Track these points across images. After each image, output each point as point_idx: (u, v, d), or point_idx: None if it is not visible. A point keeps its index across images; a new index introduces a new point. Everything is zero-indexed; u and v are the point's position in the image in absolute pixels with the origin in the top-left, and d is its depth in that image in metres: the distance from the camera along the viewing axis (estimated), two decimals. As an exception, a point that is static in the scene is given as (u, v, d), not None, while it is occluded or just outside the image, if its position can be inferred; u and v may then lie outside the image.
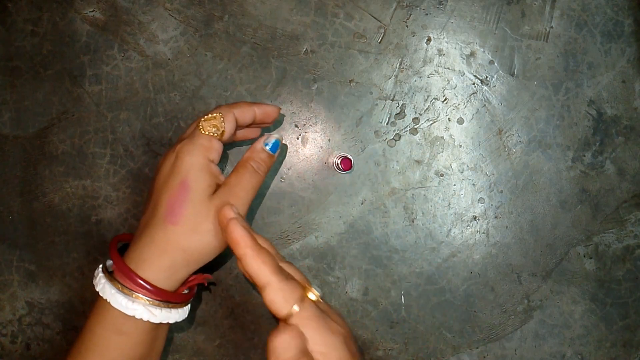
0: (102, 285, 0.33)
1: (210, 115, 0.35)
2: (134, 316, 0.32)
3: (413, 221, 0.46)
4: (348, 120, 0.46)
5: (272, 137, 0.36)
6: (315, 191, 0.46)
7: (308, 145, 0.46)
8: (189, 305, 0.36)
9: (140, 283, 0.32)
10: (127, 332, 0.32)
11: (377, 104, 0.46)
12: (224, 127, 0.35)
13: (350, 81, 0.46)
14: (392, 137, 0.46)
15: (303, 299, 0.30)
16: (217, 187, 0.34)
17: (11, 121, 0.45)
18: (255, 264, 0.30)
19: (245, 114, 0.36)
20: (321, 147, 0.46)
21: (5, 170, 0.45)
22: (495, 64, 0.46)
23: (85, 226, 0.45)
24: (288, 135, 0.46)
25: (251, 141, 0.43)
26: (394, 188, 0.46)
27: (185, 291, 0.35)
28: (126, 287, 0.32)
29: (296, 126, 0.46)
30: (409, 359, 0.46)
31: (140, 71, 0.45)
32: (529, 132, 0.46)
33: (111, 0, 0.45)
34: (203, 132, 0.35)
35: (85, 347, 0.33)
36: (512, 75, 0.46)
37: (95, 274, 0.34)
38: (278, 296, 0.29)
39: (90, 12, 0.45)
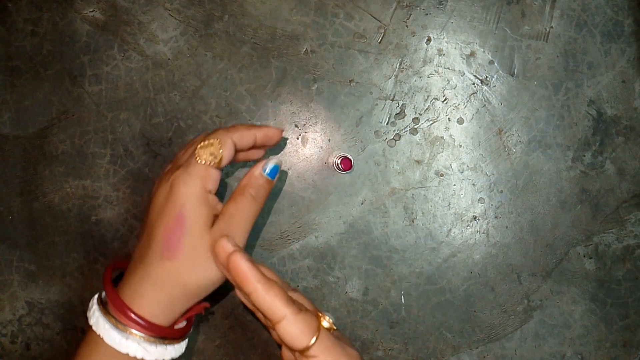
0: (96, 319, 0.31)
1: (207, 141, 0.33)
2: (127, 353, 0.30)
3: (413, 221, 0.46)
4: (348, 120, 0.46)
5: (271, 162, 0.34)
6: (315, 191, 0.46)
7: (308, 145, 0.46)
8: (187, 339, 0.34)
9: (135, 319, 0.30)
10: None
11: (377, 104, 0.46)
12: (222, 154, 0.33)
13: (350, 81, 0.46)
14: (392, 137, 0.46)
15: (319, 328, 0.29)
16: (215, 217, 0.32)
17: (11, 121, 0.45)
18: (269, 298, 0.29)
19: (245, 138, 0.34)
20: (321, 147, 0.46)
21: (5, 170, 0.45)
22: (495, 64, 0.46)
23: (85, 226, 0.45)
24: (288, 135, 0.46)
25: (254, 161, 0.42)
26: (394, 188, 0.46)
27: (183, 323, 0.34)
28: (120, 322, 0.30)
29: (296, 126, 0.46)
30: (409, 359, 0.46)
31: (140, 71, 0.45)
32: (529, 132, 0.46)
33: (111, 0, 0.45)
34: (199, 160, 0.32)
35: None
36: (512, 75, 0.46)
37: (90, 305, 0.32)
38: (295, 329, 0.28)
39: (90, 12, 0.45)
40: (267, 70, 0.45)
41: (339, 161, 0.44)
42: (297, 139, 0.46)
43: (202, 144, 0.33)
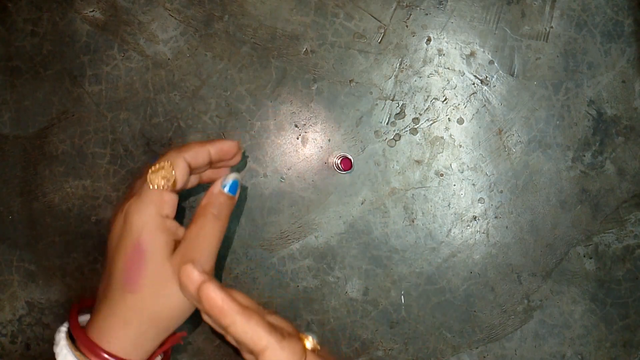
0: (64, 356, 0.29)
1: (157, 165, 0.31)
2: None
3: (413, 221, 0.46)
4: (348, 120, 0.46)
5: (230, 177, 0.33)
6: (315, 191, 0.46)
7: (308, 145, 0.46)
8: None
9: (107, 358, 0.28)
10: None
11: (377, 104, 0.46)
12: (175, 176, 0.31)
13: (350, 81, 0.46)
14: (392, 137, 0.46)
15: (304, 352, 0.28)
16: (177, 243, 0.31)
17: (11, 121, 0.45)
18: (249, 329, 0.27)
19: (199, 155, 0.32)
20: (321, 147, 0.46)
21: (5, 170, 0.45)
22: (495, 64, 0.46)
23: (85, 226, 0.45)
24: (288, 135, 0.46)
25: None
26: (394, 188, 0.46)
27: (159, 357, 0.32)
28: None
29: (296, 126, 0.46)
30: (409, 359, 0.46)
31: (140, 71, 0.45)
32: (529, 132, 0.46)
33: (111, 0, 0.45)
34: (152, 186, 0.30)
35: None
36: (512, 75, 0.46)
37: (57, 340, 0.30)
38: (281, 358, 0.27)
39: (90, 12, 0.45)
40: (267, 70, 0.45)
41: (339, 161, 0.44)
42: (297, 139, 0.46)
43: (152, 168, 0.31)
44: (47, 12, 0.45)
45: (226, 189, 0.32)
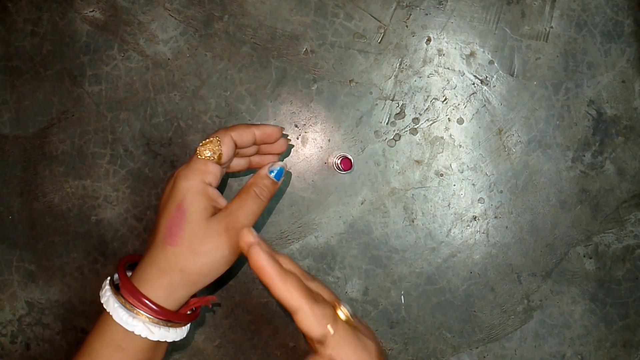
0: (107, 298, 0.33)
1: (207, 140, 0.35)
2: (133, 332, 0.32)
3: (413, 221, 0.46)
4: (348, 120, 0.46)
5: (277, 165, 0.36)
6: (315, 191, 0.46)
7: (308, 145, 0.46)
8: (189, 325, 0.36)
9: (143, 300, 0.32)
10: (126, 347, 0.33)
11: (377, 104, 0.46)
12: (221, 150, 0.35)
13: (350, 81, 0.46)
14: (392, 137, 0.46)
15: (335, 319, 0.31)
16: (216, 209, 0.34)
17: (11, 121, 0.45)
18: (285, 290, 0.30)
19: (244, 135, 0.36)
20: (321, 147, 0.46)
21: (5, 170, 0.45)
22: (495, 64, 0.46)
23: (85, 226, 0.45)
24: (288, 136, 0.46)
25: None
26: (394, 188, 0.46)
27: (189, 311, 0.36)
28: (129, 303, 0.32)
29: (296, 126, 0.46)
30: (409, 359, 0.46)
31: (140, 71, 0.45)
32: (529, 132, 0.46)
33: (111, 0, 0.45)
34: (199, 156, 0.35)
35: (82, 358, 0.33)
36: (512, 75, 0.46)
37: (103, 286, 0.34)
38: (311, 320, 0.30)
39: (90, 12, 0.45)
40: (267, 70, 0.45)
41: (339, 161, 0.44)
42: (297, 139, 0.46)
43: (203, 142, 0.35)
44: (47, 12, 0.45)
45: (273, 175, 0.36)
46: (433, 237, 0.46)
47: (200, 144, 0.35)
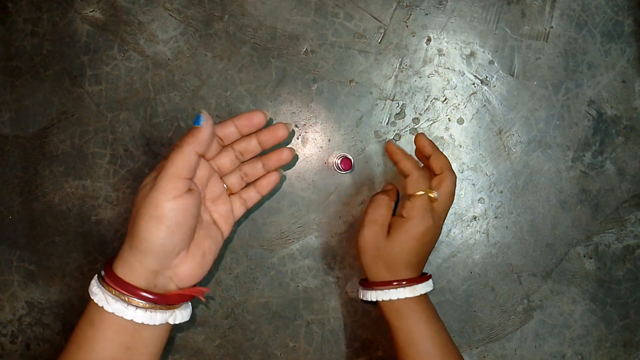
0: (91, 285, 0.33)
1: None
2: (131, 320, 0.32)
3: (413, 221, 0.46)
4: (348, 120, 0.46)
5: (199, 113, 0.34)
6: (315, 191, 0.46)
7: (308, 145, 0.46)
8: (189, 308, 0.36)
9: (116, 280, 0.32)
10: (108, 329, 0.33)
11: (377, 104, 0.46)
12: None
13: (350, 81, 0.46)
14: (392, 137, 0.46)
15: (427, 191, 0.39)
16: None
17: (11, 121, 0.45)
18: (406, 163, 0.40)
19: (227, 125, 0.36)
20: (321, 147, 0.46)
21: (5, 170, 0.45)
22: (495, 64, 0.46)
23: (85, 226, 0.45)
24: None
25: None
26: (394, 188, 0.46)
27: (188, 303, 0.36)
28: (121, 293, 0.32)
29: (296, 126, 0.46)
30: (409, 359, 0.46)
31: (140, 71, 0.45)
32: (529, 132, 0.46)
33: (111, 0, 0.45)
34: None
35: (73, 345, 0.34)
36: (512, 75, 0.46)
37: (91, 284, 0.34)
38: (415, 181, 0.39)
39: (90, 12, 0.45)
40: (267, 70, 0.45)
41: (339, 161, 0.44)
42: (297, 139, 0.46)
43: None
44: (47, 12, 0.45)
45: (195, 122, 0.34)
46: (433, 237, 0.46)
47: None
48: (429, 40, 0.46)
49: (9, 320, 0.45)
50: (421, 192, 0.39)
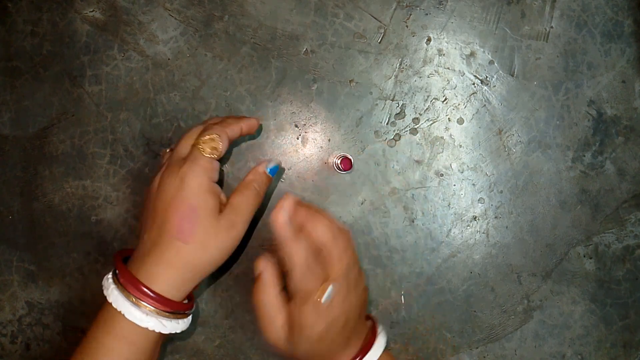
0: (115, 297, 0.34)
1: (207, 137, 0.36)
2: (146, 328, 0.33)
3: (413, 221, 0.46)
4: (348, 120, 0.46)
5: (273, 163, 0.39)
6: (315, 191, 0.46)
7: (308, 145, 0.46)
8: (191, 315, 0.38)
9: (153, 296, 0.33)
10: (136, 342, 0.34)
11: (377, 104, 0.46)
12: (222, 150, 0.37)
13: (350, 81, 0.46)
14: (392, 137, 0.46)
15: (316, 292, 0.34)
16: (221, 205, 0.36)
17: (11, 121, 0.45)
18: (287, 244, 0.35)
19: (235, 131, 0.38)
20: (321, 147, 0.46)
21: (5, 170, 0.45)
22: (495, 64, 0.46)
23: (85, 226, 0.45)
24: (288, 135, 0.46)
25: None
26: (394, 188, 0.46)
27: (185, 301, 0.37)
28: (141, 301, 0.33)
29: (296, 126, 0.46)
30: (409, 359, 0.46)
31: (140, 71, 0.45)
32: (529, 132, 0.46)
33: (111, 0, 0.45)
34: (204, 154, 0.36)
35: (90, 355, 0.34)
36: (512, 75, 0.46)
37: (105, 285, 0.35)
38: (297, 282, 0.34)
39: (90, 12, 0.45)
40: (267, 71, 0.45)
41: (339, 161, 0.44)
42: (297, 139, 0.46)
43: (203, 138, 0.36)
44: (47, 12, 0.45)
45: (269, 170, 0.39)
46: (433, 237, 0.46)
47: (202, 140, 0.36)
48: (429, 40, 0.46)
49: (9, 320, 0.45)
50: (310, 296, 0.34)
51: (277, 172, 0.39)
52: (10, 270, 0.45)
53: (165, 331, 0.34)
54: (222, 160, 0.44)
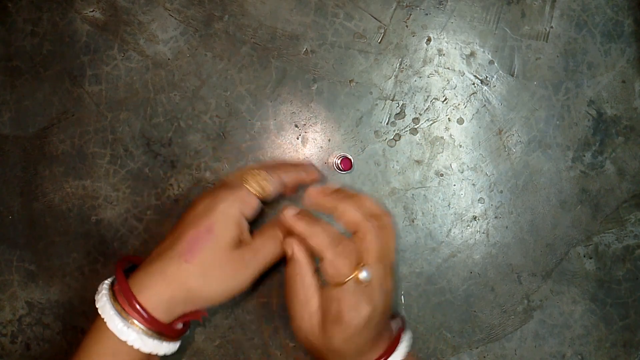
0: (103, 303, 0.33)
1: (258, 171, 0.35)
2: (126, 341, 0.32)
3: (413, 221, 0.46)
4: (348, 120, 0.46)
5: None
6: (315, 191, 0.46)
7: (308, 145, 0.46)
8: (180, 341, 0.36)
9: (138, 309, 0.32)
10: (120, 357, 0.32)
11: (377, 104, 0.46)
12: (268, 190, 0.35)
13: (350, 81, 0.46)
14: (392, 137, 0.46)
15: (353, 271, 0.33)
16: (240, 242, 0.35)
17: (11, 121, 0.45)
18: (311, 234, 0.34)
19: (291, 177, 0.37)
20: (321, 147, 0.46)
21: (5, 170, 0.45)
22: (495, 64, 0.46)
23: (85, 226, 0.45)
24: (288, 135, 0.46)
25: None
26: (394, 188, 0.46)
27: (180, 326, 0.35)
28: (125, 311, 0.32)
29: (296, 126, 0.46)
30: (409, 359, 0.46)
31: (140, 71, 0.45)
32: (529, 132, 0.46)
33: (111, 0, 0.45)
34: (247, 187, 0.35)
35: None
36: (512, 75, 0.46)
37: (99, 289, 0.34)
38: (331, 267, 0.33)
39: (90, 12, 0.45)
40: (267, 70, 0.45)
41: (339, 161, 0.44)
42: (297, 139, 0.46)
43: (253, 171, 0.36)
44: (47, 12, 0.45)
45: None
46: (433, 237, 0.46)
47: (251, 172, 0.35)
48: (429, 40, 0.46)
49: (9, 320, 0.45)
50: (344, 279, 0.33)
51: None
52: (10, 270, 0.45)
53: (145, 350, 0.32)
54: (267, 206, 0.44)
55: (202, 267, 0.33)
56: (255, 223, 0.43)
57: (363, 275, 0.32)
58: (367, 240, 0.33)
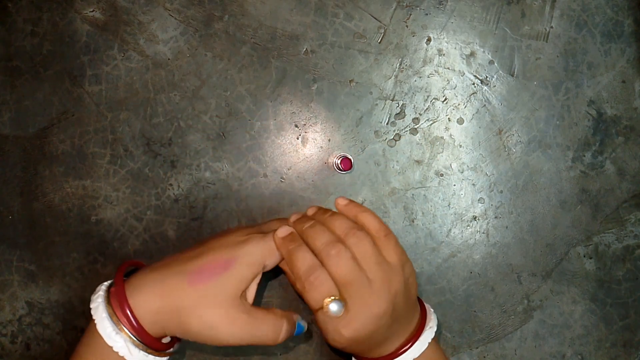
0: (97, 305, 0.32)
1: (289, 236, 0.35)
2: (112, 347, 0.31)
3: (413, 221, 0.46)
4: (348, 120, 0.46)
5: (304, 323, 0.37)
6: (315, 191, 0.46)
7: (308, 145, 0.46)
8: (168, 358, 0.35)
9: (127, 313, 0.31)
10: None
11: (377, 104, 0.46)
12: (269, 262, 0.35)
13: (350, 81, 0.46)
14: (392, 137, 0.46)
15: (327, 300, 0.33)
16: (243, 293, 0.34)
17: (11, 121, 0.45)
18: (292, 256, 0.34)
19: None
20: (321, 147, 0.46)
21: (5, 170, 0.45)
22: (495, 64, 0.46)
23: (85, 226, 0.45)
24: (288, 135, 0.46)
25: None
26: (394, 188, 0.46)
27: (167, 339, 0.35)
28: (115, 315, 0.31)
29: (296, 126, 0.46)
30: (409, 359, 0.46)
31: (140, 71, 0.45)
32: (529, 132, 0.46)
33: (111, 0, 0.45)
34: (275, 244, 0.35)
35: None
36: (512, 75, 0.46)
37: (96, 290, 0.33)
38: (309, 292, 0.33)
39: (90, 12, 0.45)
40: (267, 70, 0.45)
41: (339, 161, 0.44)
42: (297, 139, 0.46)
43: (281, 232, 0.35)
44: (47, 12, 0.45)
45: (296, 328, 0.36)
46: (433, 237, 0.46)
47: (279, 234, 0.35)
48: (429, 40, 0.46)
49: (9, 320, 0.45)
50: (316, 310, 0.33)
51: (301, 332, 0.36)
52: (10, 270, 0.45)
53: (130, 358, 0.31)
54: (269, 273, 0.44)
55: (202, 296, 0.32)
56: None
57: (332, 308, 0.32)
58: (329, 269, 0.33)
